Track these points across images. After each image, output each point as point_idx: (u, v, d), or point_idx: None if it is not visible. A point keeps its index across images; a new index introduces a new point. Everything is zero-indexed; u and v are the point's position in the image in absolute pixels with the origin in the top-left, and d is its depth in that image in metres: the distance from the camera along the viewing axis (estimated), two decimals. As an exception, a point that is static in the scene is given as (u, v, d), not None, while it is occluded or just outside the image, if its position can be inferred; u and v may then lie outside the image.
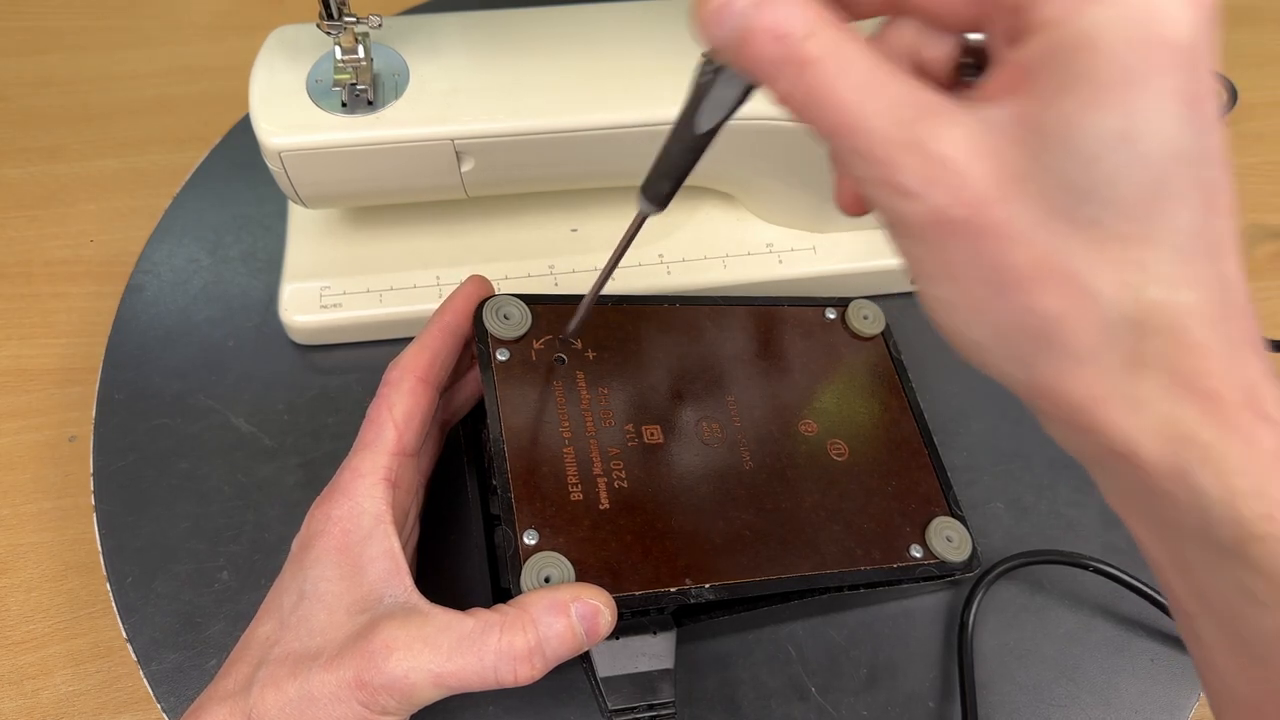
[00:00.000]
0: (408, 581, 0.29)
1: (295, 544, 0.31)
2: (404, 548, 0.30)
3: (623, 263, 0.44)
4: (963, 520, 0.36)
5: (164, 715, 0.35)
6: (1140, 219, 0.16)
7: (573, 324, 0.33)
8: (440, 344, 0.33)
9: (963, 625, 0.36)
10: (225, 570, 0.37)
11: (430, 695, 0.28)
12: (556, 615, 0.28)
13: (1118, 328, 0.17)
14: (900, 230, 0.18)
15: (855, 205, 0.23)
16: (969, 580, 0.37)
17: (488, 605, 0.29)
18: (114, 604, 0.37)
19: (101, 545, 0.38)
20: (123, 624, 0.36)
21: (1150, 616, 0.38)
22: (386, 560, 0.29)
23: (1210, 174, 0.16)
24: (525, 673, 0.27)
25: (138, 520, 0.38)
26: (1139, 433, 0.17)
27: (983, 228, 0.17)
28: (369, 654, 0.27)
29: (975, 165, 0.17)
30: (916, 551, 0.35)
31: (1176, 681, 0.37)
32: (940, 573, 0.35)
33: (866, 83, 0.17)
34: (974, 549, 0.36)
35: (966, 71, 0.21)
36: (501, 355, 0.33)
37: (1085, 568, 0.37)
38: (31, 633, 0.37)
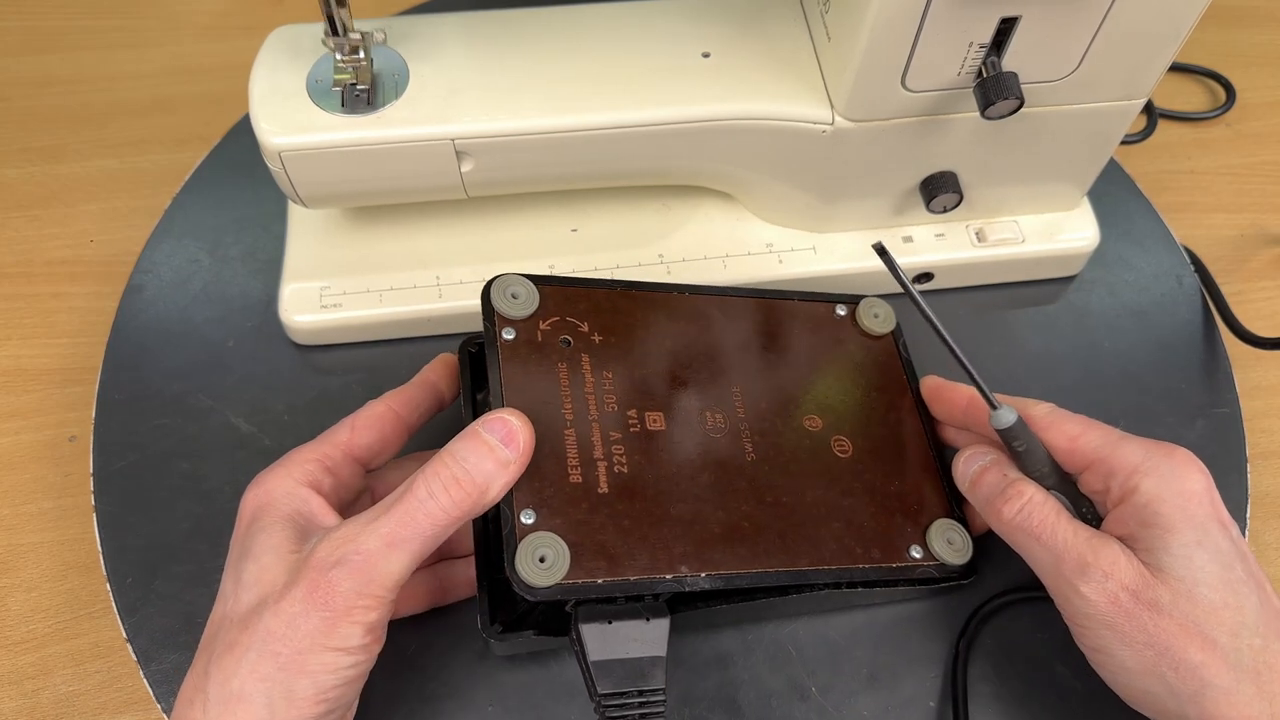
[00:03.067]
0: (335, 518, 0.30)
1: (231, 538, 0.31)
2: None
3: (622, 263, 0.44)
4: (965, 523, 0.36)
5: (164, 715, 0.35)
6: (1224, 602, 0.29)
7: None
8: (420, 393, 0.35)
9: (956, 655, 0.36)
10: (225, 570, 0.37)
11: (393, 565, 0.27)
12: (465, 438, 0.29)
13: (1242, 667, 0.28)
14: (1081, 613, 0.30)
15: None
16: (964, 609, 0.37)
17: (479, 588, 0.31)
18: (114, 604, 0.37)
19: (101, 545, 0.38)
20: (123, 624, 0.36)
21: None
22: (307, 506, 0.30)
23: (1250, 565, 0.30)
24: (460, 494, 0.28)
25: (138, 520, 0.38)
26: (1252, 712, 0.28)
27: (1141, 609, 0.29)
28: (313, 564, 0.27)
29: (1129, 571, 0.29)
30: (916, 552, 0.35)
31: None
32: (940, 575, 0.35)
33: (1059, 514, 0.31)
34: (974, 553, 0.36)
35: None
36: (508, 334, 0.33)
37: None
38: (31, 633, 0.37)
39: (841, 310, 0.40)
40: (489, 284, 0.33)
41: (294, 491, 0.30)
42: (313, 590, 0.27)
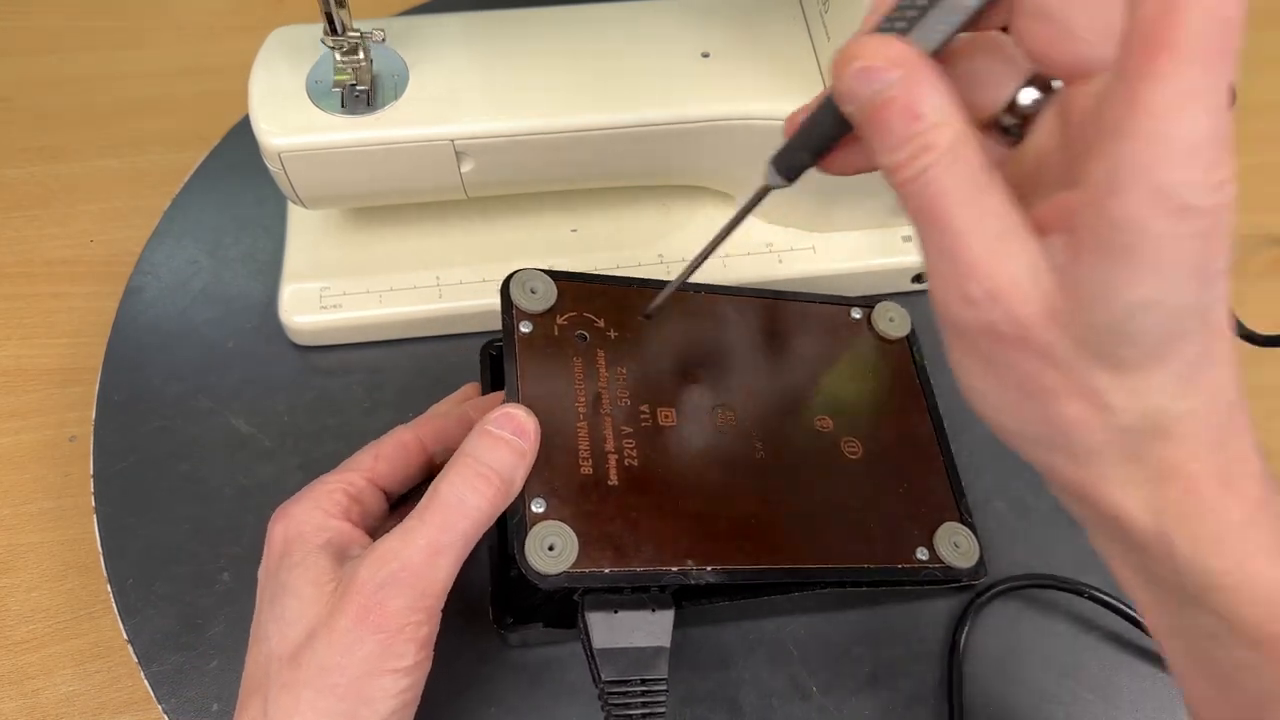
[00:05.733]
0: (367, 540, 0.29)
1: (260, 571, 0.31)
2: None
3: (623, 262, 0.44)
4: (972, 528, 0.36)
5: (164, 716, 0.35)
6: (1156, 356, 0.19)
7: (655, 304, 0.34)
8: (453, 428, 0.34)
9: (954, 646, 0.36)
10: (226, 571, 0.37)
11: (440, 573, 0.27)
12: (479, 437, 0.29)
13: (1124, 432, 0.20)
14: (954, 329, 0.21)
15: (836, 167, 0.25)
16: (964, 598, 0.37)
17: (490, 577, 0.31)
18: (114, 605, 0.37)
19: (102, 547, 0.38)
20: (123, 625, 0.36)
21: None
22: (340, 536, 0.29)
23: (1214, 313, 0.19)
24: (489, 489, 0.28)
25: (138, 522, 0.38)
26: (1131, 506, 0.21)
27: (1024, 346, 0.20)
28: (358, 586, 0.27)
29: (1032, 293, 0.19)
30: (922, 554, 0.35)
31: (1177, 681, 0.37)
32: (945, 578, 0.35)
33: (972, 185, 0.19)
34: (981, 557, 0.36)
35: (1009, 128, 0.22)
36: (525, 327, 0.33)
37: (1080, 594, 0.37)
38: (32, 633, 0.37)
39: (857, 313, 0.41)
40: (508, 278, 0.34)
41: (325, 524, 0.30)
42: (364, 614, 0.26)
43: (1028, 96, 0.22)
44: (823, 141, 0.23)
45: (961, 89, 0.21)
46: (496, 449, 0.29)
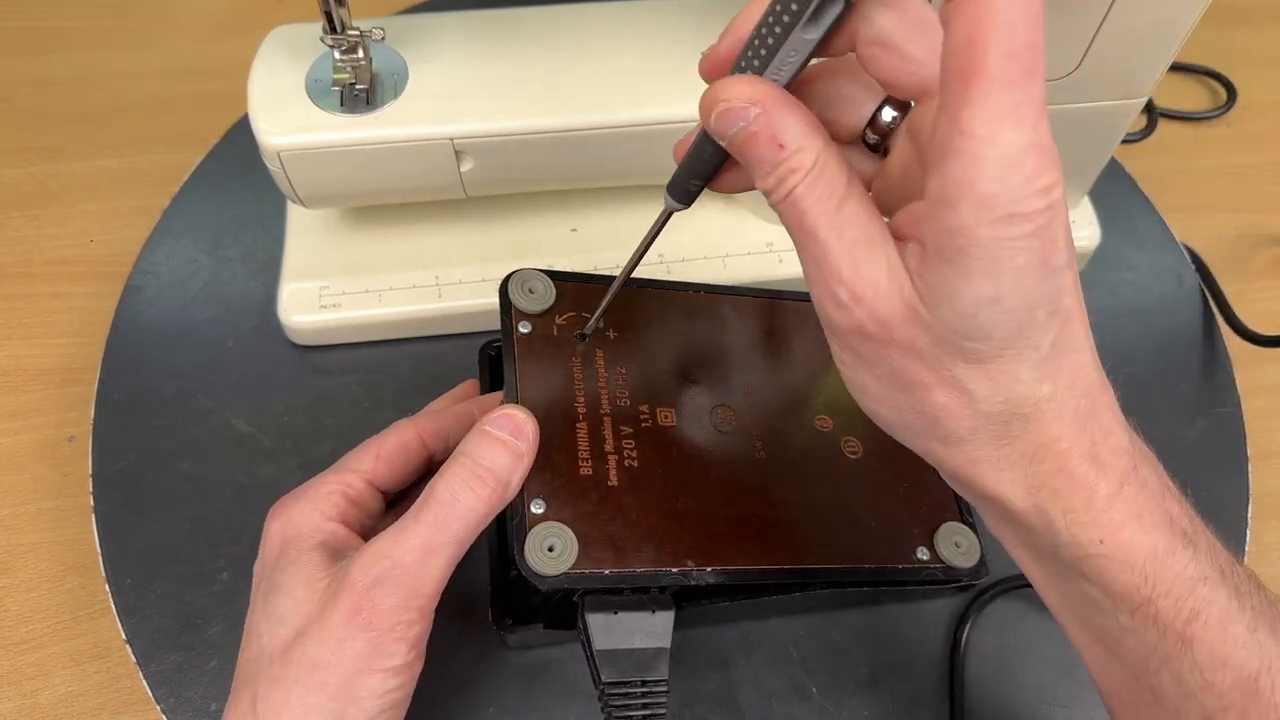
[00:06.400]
0: (361, 544, 0.29)
1: (255, 568, 0.31)
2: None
3: (622, 262, 0.44)
4: (973, 528, 0.36)
5: (163, 716, 0.35)
6: (1009, 347, 0.21)
7: (591, 322, 0.34)
8: (454, 426, 0.34)
9: (954, 646, 0.36)
10: (225, 571, 0.37)
11: (433, 572, 0.27)
12: (476, 438, 0.29)
13: (990, 418, 0.22)
14: (830, 330, 0.23)
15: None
16: (964, 598, 0.37)
17: (490, 578, 0.31)
18: (113, 605, 0.37)
19: (101, 546, 0.38)
20: (122, 625, 0.36)
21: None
22: (334, 539, 0.29)
23: (1063, 301, 0.21)
24: (484, 490, 0.28)
25: (137, 521, 0.38)
26: (1007, 485, 0.23)
27: (891, 343, 0.22)
28: (350, 585, 0.27)
29: (891, 293, 0.21)
30: (923, 554, 0.35)
31: (1177, 682, 0.36)
32: (945, 577, 0.35)
33: (832, 198, 0.21)
34: (982, 557, 0.36)
35: (874, 145, 0.24)
36: (524, 328, 0.33)
37: None
38: (31, 633, 0.37)
39: None
40: (507, 278, 0.34)
41: (321, 525, 0.30)
42: (355, 611, 0.26)
43: (888, 114, 0.23)
44: (707, 169, 0.25)
45: (826, 109, 0.24)
46: (493, 450, 0.29)
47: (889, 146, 0.24)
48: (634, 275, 0.33)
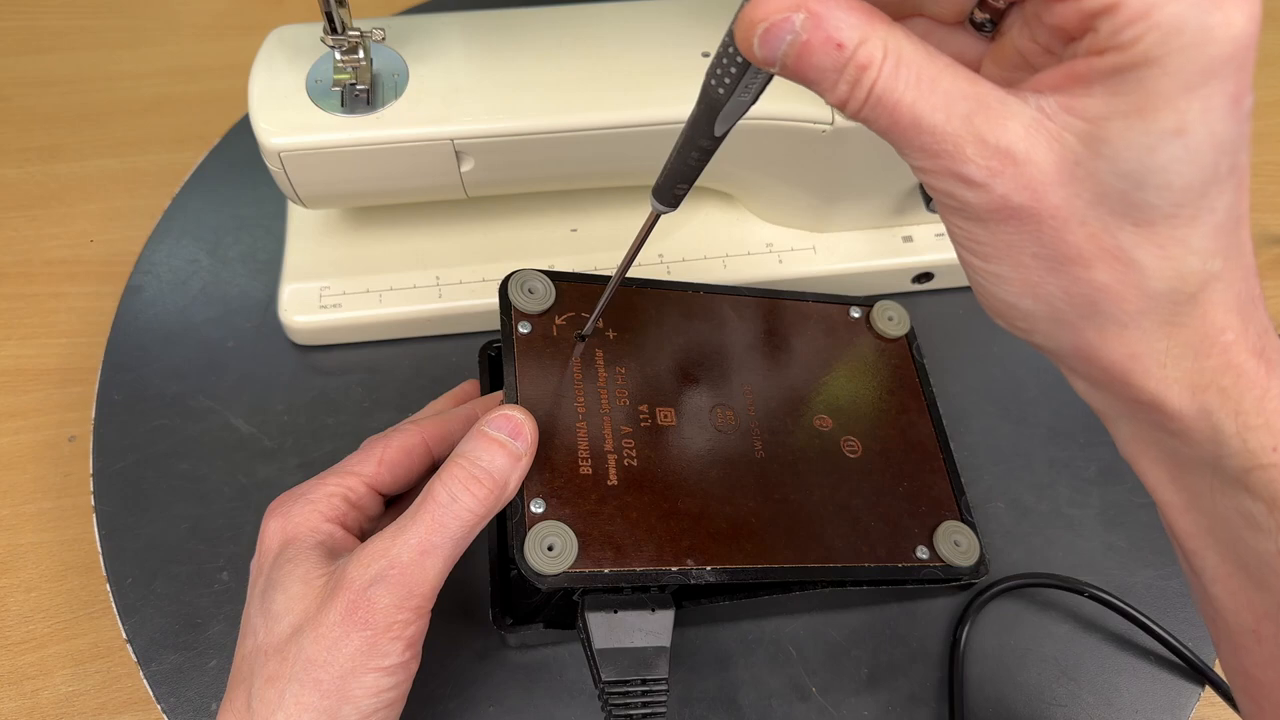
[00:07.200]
0: (356, 543, 0.29)
1: (252, 565, 0.31)
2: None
3: (623, 262, 0.44)
4: (973, 526, 0.36)
5: (164, 716, 0.35)
6: (1187, 204, 0.18)
7: (590, 323, 0.34)
8: (457, 428, 0.34)
9: (954, 645, 0.36)
10: (225, 571, 0.37)
11: (429, 573, 0.27)
12: (474, 438, 0.29)
13: (1159, 296, 0.19)
14: (961, 215, 0.20)
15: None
16: (964, 598, 0.37)
17: (490, 578, 0.30)
18: (114, 604, 0.37)
19: (101, 546, 0.38)
20: (122, 624, 0.36)
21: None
22: (332, 540, 0.30)
23: (1242, 159, 0.19)
24: (482, 491, 0.28)
25: (138, 521, 0.38)
26: (1169, 383, 0.20)
27: (1042, 212, 0.19)
28: (347, 583, 0.27)
29: (1035, 155, 0.18)
30: (923, 553, 0.35)
31: (1177, 681, 0.37)
32: (945, 576, 0.35)
33: (922, 80, 0.18)
34: (982, 555, 0.36)
35: (982, 25, 0.21)
36: (524, 328, 0.33)
37: (1080, 593, 0.37)
38: (31, 633, 0.37)
39: (856, 313, 0.41)
40: (506, 279, 0.34)
41: (319, 527, 0.30)
42: (352, 610, 0.26)
43: None
44: (691, 173, 0.25)
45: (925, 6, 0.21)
46: (491, 450, 0.28)
47: (999, 25, 0.21)
48: (634, 275, 0.33)
